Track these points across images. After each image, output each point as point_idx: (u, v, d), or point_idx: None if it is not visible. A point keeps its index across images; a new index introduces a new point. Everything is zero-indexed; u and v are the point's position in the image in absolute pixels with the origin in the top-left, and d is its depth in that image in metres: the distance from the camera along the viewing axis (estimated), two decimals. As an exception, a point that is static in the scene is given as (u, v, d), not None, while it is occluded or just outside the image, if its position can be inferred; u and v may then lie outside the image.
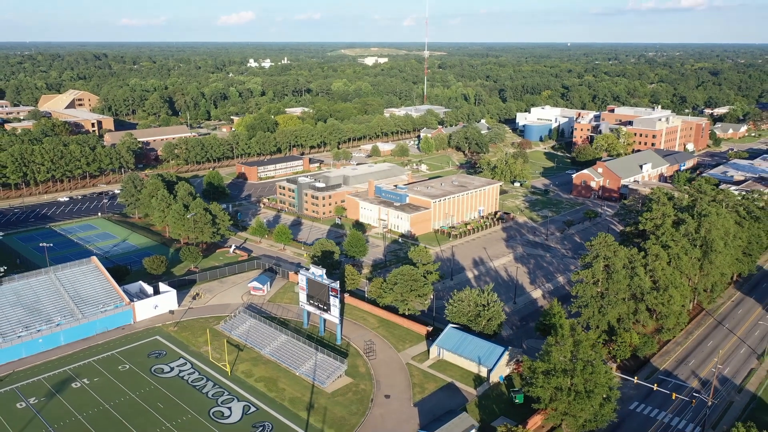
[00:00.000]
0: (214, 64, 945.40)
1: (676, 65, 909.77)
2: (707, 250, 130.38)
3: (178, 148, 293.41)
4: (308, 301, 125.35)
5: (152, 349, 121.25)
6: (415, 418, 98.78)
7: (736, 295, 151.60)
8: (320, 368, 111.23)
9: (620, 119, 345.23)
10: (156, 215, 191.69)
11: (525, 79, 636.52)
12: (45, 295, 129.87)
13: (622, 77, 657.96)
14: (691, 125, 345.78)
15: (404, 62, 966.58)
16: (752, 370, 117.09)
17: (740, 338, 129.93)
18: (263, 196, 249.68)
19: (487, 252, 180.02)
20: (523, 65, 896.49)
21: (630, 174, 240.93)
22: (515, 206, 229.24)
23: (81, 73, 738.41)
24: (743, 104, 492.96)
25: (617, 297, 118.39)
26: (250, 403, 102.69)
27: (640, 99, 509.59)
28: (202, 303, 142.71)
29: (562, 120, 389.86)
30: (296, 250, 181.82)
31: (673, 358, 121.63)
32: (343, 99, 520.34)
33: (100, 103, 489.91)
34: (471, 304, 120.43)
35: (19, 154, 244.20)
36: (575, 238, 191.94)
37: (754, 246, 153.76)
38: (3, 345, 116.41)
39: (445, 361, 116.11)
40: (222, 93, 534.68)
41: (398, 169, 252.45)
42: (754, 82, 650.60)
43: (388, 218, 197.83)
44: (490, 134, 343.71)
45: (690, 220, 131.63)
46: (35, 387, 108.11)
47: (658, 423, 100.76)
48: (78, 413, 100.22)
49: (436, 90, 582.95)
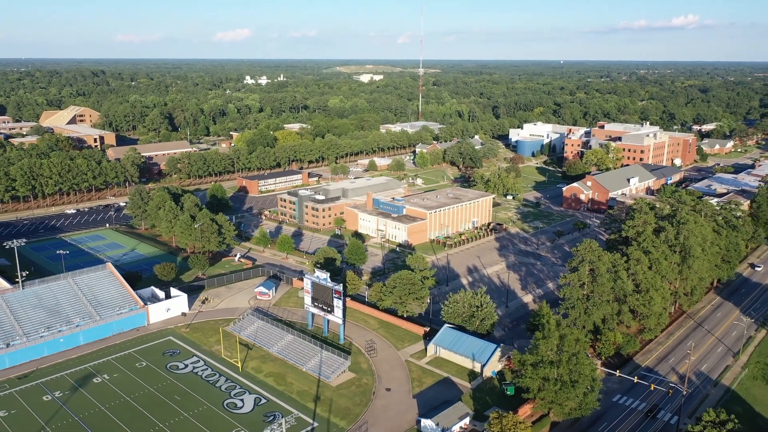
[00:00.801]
0: (211, 81, 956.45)
1: (667, 83, 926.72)
2: (686, 256, 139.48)
3: (181, 162, 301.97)
4: (313, 303, 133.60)
5: (166, 348, 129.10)
6: (414, 408, 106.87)
7: (715, 300, 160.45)
8: (325, 364, 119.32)
9: (610, 135, 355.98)
10: (163, 226, 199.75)
11: (518, 96, 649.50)
12: (64, 299, 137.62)
13: (613, 94, 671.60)
14: (679, 141, 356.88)
15: (399, 79, 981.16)
16: (728, 367, 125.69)
17: (718, 339, 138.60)
18: (264, 208, 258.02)
19: (481, 260, 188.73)
20: (516, 83, 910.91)
21: (618, 187, 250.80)
22: (508, 218, 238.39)
23: (80, 90, 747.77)
24: (730, 121, 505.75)
25: (602, 299, 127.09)
26: (260, 396, 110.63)
27: (630, 116, 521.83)
28: (212, 307, 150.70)
29: (554, 136, 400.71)
30: (298, 258, 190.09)
31: (655, 356, 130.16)
32: (340, 115, 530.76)
33: (101, 119, 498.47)
34: (465, 305, 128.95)
35: (28, 168, 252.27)
36: (565, 248, 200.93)
37: (732, 253, 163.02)
38: (27, 344, 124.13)
39: (441, 358, 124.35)
40: (221, 109, 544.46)
41: (395, 182, 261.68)
42: (742, 100, 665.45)
43: (386, 229, 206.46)
44: (484, 149, 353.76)
45: (670, 227, 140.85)
46: (59, 382, 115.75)
47: (640, 414, 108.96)
48: (101, 405, 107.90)
49: (431, 107, 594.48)
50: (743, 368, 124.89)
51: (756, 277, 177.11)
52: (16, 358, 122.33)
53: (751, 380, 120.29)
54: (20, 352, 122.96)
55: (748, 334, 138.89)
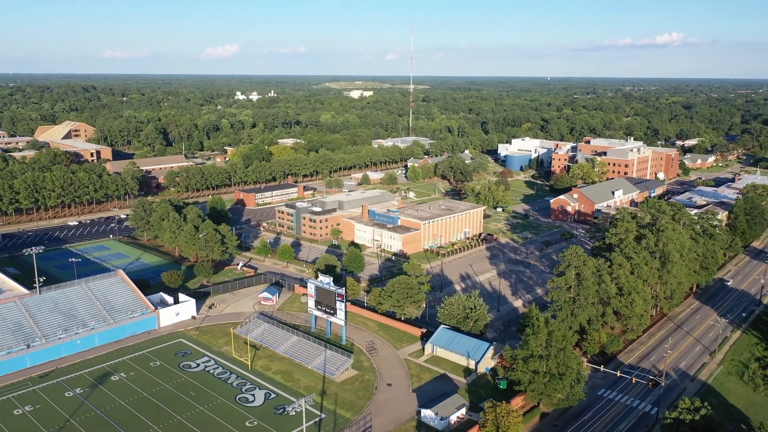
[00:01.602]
0: (202, 97, 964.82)
1: (651, 99, 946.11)
2: (665, 261, 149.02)
3: (180, 175, 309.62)
4: (316, 306, 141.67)
5: (178, 349, 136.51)
6: (414, 401, 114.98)
7: (694, 304, 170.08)
8: (329, 362, 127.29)
9: (595, 150, 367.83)
10: (167, 236, 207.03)
11: (506, 112, 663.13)
12: (79, 303, 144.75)
13: (599, 111, 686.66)
14: (662, 156, 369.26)
15: (389, 95, 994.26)
16: (704, 364, 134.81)
17: (696, 339, 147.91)
18: (262, 220, 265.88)
19: (473, 268, 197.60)
20: (504, 99, 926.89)
21: (603, 199, 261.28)
22: (498, 229, 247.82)
23: (73, 105, 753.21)
24: (712, 136, 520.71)
25: (587, 301, 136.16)
26: (270, 391, 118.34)
27: (615, 131, 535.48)
28: (218, 312, 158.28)
29: (542, 151, 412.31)
30: (298, 267, 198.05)
31: (637, 354, 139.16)
32: (332, 130, 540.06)
33: (97, 134, 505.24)
34: (460, 307, 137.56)
35: (31, 181, 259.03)
36: (553, 257, 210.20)
37: (709, 260, 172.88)
38: (46, 345, 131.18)
39: (438, 356, 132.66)
40: (214, 124, 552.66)
41: (389, 195, 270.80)
42: (724, 116, 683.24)
43: (382, 239, 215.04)
44: (474, 164, 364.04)
45: (650, 235, 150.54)
46: (78, 380, 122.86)
47: (621, 405, 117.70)
48: (120, 400, 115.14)
49: (421, 122, 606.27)
50: (719, 365, 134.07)
51: (733, 283, 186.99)
52: (37, 359, 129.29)
53: (725, 376, 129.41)
54: (40, 352, 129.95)
55: (724, 335, 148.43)
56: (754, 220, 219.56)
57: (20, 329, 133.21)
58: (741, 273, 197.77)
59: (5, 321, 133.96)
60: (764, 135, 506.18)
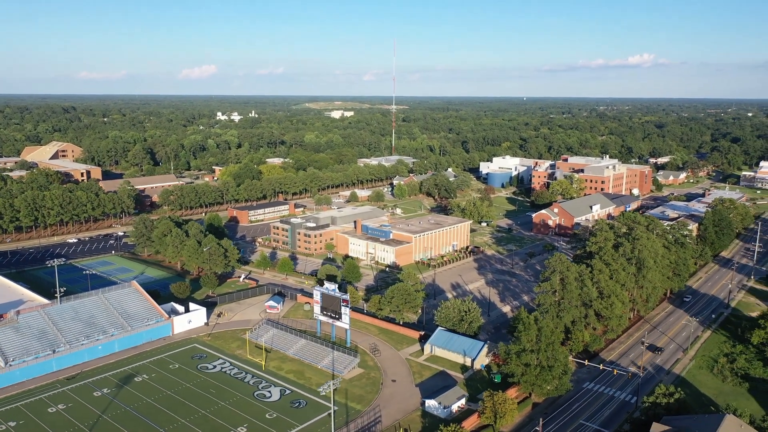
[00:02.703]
0: (184, 117, 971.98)
1: (625, 119, 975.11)
2: (641, 267, 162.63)
3: (174, 194, 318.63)
4: (322, 312, 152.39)
5: (194, 353, 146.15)
6: (418, 394, 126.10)
7: (669, 308, 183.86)
8: (337, 362, 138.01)
9: (573, 167, 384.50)
10: (170, 251, 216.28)
11: (485, 132, 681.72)
12: (98, 312, 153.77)
13: (575, 130, 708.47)
14: (636, 172, 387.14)
15: (370, 115, 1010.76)
16: (678, 360, 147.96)
17: (670, 338, 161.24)
18: (257, 236, 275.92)
19: (463, 278, 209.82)
20: (482, 119, 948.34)
21: (582, 213, 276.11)
22: (483, 242, 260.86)
23: (56, 126, 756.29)
24: (683, 154, 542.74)
25: (571, 304, 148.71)
26: (285, 388, 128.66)
27: (591, 149, 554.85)
28: (227, 320, 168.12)
29: (522, 168, 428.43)
30: (297, 279, 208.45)
31: (617, 352, 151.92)
32: (316, 150, 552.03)
33: (84, 154, 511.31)
34: (455, 311, 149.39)
35: (31, 200, 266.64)
36: (536, 267, 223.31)
37: (681, 267, 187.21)
38: (70, 350, 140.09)
39: (436, 355, 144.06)
40: (200, 144, 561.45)
41: (378, 211, 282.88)
42: (695, 134, 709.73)
43: (375, 251, 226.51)
44: (457, 181, 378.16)
45: (626, 243, 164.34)
46: (104, 381, 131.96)
47: (605, 396, 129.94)
48: (146, 398, 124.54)
49: (403, 142, 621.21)
50: (691, 360, 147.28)
51: (704, 289, 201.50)
52: (62, 363, 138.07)
53: (697, 369, 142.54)
54: (65, 357, 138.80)
55: (695, 334, 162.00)
56: (722, 231, 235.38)
57: (45, 336, 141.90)
58: (711, 280, 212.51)
59: (30, 329, 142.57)
60: (732, 153, 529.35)
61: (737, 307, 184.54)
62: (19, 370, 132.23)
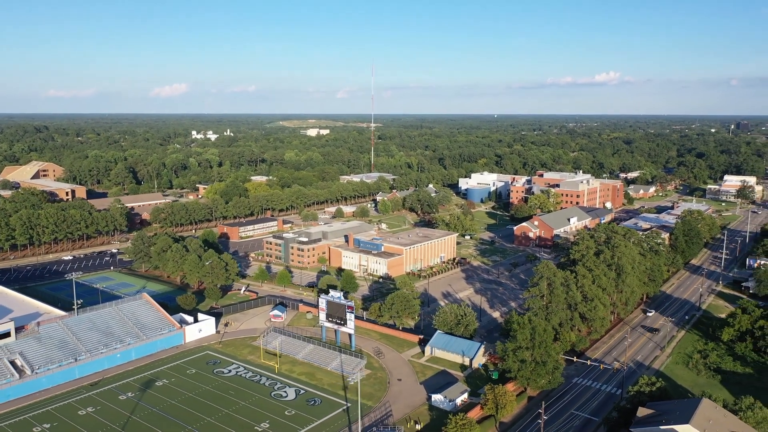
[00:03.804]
0: (160, 136, 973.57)
1: (594, 135, 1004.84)
2: (620, 272, 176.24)
3: (165, 211, 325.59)
4: (327, 318, 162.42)
5: (208, 359, 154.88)
6: (423, 390, 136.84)
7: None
8: (345, 364, 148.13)
9: (548, 182, 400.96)
10: (170, 265, 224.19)
11: (461, 149, 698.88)
12: (113, 323, 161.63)
13: (547, 146, 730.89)
14: (609, 187, 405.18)
15: (346, 133, 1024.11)
16: (656, 357, 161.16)
17: (648, 338, 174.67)
18: (248, 251, 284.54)
19: (452, 287, 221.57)
20: (457, 136, 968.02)
21: (560, 226, 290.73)
22: (469, 253, 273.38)
23: (31, 146, 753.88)
24: (651, 169, 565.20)
25: (558, 307, 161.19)
26: (299, 388, 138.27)
27: (564, 165, 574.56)
28: (234, 329, 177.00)
29: (499, 184, 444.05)
30: (295, 290, 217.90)
31: (601, 351, 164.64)
32: (296, 168, 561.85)
33: (66, 173, 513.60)
34: (452, 315, 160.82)
35: (26, 218, 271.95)
36: (521, 276, 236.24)
37: (656, 273, 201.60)
38: (90, 358, 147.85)
39: (436, 356, 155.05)
40: (182, 163, 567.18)
41: (367, 226, 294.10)
42: (661, 150, 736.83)
43: (368, 264, 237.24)
44: (439, 197, 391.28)
45: (606, 250, 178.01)
46: (127, 386, 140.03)
47: (592, 389, 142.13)
48: (170, 400, 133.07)
49: (382, 159, 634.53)
50: (668, 357, 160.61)
51: (677, 293, 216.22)
52: (84, 370, 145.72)
53: (674, 365, 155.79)
54: (86, 365, 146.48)
55: (671, 334, 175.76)
56: (691, 240, 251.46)
57: (66, 345, 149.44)
58: (683, 285, 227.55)
59: (51, 339, 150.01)
60: (698, 167, 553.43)
61: (708, 309, 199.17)
62: (45, 378, 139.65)
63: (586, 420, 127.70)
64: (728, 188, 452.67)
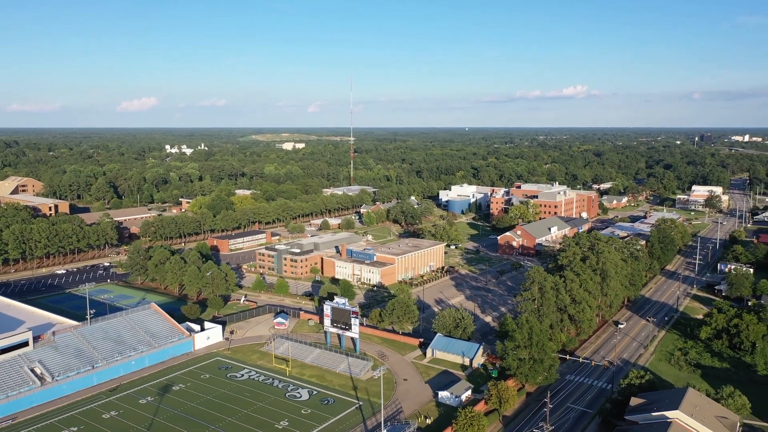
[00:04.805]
0: (134, 150, 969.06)
1: (565, 147, 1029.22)
2: (604, 277, 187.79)
3: (154, 225, 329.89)
4: (332, 324, 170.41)
5: (219, 365, 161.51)
6: (429, 388, 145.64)
7: (627, 313, 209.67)
8: (353, 366, 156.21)
9: (526, 194, 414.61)
10: (169, 277, 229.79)
11: (437, 162, 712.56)
12: (124, 331, 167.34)
13: (521, 159, 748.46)
14: (584, 197, 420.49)
15: (323, 147, 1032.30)
16: (641, 354, 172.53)
17: (632, 338, 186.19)
18: (239, 263, 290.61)
19: (444, 294, 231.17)
20: (432, 149, 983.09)
21: (542, 235, 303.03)
22: (456, 262, 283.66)
23: (5, 161, 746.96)
24: (623, 180, 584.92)
25: (549, 309, 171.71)
26: (312, 389, 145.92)
27: (539, 177, 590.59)
28: (240, 336, 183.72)
29: (479, 195, 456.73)
30: (293, 299, 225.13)
31: (589, 350, 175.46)
32: (276, 181, 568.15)
33: (46, 188, 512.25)
34: (451, 319, 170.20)
35: (19, 232, 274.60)
36: (508, 283, 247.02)
37: (636, 278, 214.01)
38: (107, 366, 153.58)
39: (437, 358, 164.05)
40: (163, 178, 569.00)
41: (356, 237, 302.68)
42: (630, 162, 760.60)
43: (362, 273, 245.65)
44: (421, 209, 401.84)
45: (592, 256, 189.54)
46: (145, 391, 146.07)
47: (585, 385, 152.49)
48: (189, 402, 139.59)
49: (361, 172, 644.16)
50: (652, 354, 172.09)
51: (655, 297, 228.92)
52: (101, 377, 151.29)
53: (657, 361, 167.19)
54: (103, 372, 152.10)
55: (653, 334, 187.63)
56: (666, 247, 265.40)
57: (82, 354, 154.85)
58: (660, 289, 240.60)
59: (68, 347, 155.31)
60: (667, 178, 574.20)
61: (684, 311, 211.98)
62: (65, 384, 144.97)
63: (582, 412, 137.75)
64: (696, 198, 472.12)
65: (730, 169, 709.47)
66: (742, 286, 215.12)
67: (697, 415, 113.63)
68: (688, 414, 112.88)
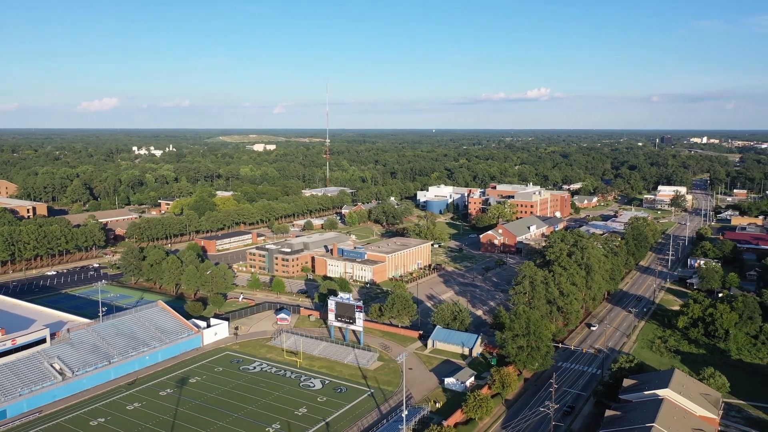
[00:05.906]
0: (102, 152, 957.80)
1: (533, 149, 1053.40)
2: (589, 271, 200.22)
3: (140, 226, 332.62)
4: (336, 318, 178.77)
5: (230, 359, 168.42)
6: (434, 376, 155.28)
7: (608, 306, 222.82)
8: (360, 357, 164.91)
9: (501, 194, 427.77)
10: (167, 276, 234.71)
11: (411, 163, 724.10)
12: (136, 328, 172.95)
13: (492, 160, 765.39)
14: (557, 197, 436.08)
15: (295, 149, 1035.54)
16: (624, 342, 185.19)
17: (615, 328, 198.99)
18: (228, 263, 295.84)
19: (434, 290, 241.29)
20: (404, 151, 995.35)
21: (522, 233, 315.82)
22: (442, 260, 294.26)
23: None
24: (592, 180, 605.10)
25: (539, 302, 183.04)
26: (324, 378, 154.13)
27: (511, 178, 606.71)
28: (245, 332, 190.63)
29: (456, 196, 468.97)
30: (289, 297, 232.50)
31: (577, 339, 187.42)
32: (251, 182, 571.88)
33: (20, 190, 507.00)
34: (449, 311, 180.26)
35: (8, 234, 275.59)
36: (493, 279, 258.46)
37: (616, 272, 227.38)
38: (123, 361, 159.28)
39: (438, 348, 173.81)
40: (138, 179, 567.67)
41: (343, 236, 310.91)
42: (597, 163, 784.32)
43: (354, 271, 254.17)
44: (401, 209, 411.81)
45: (577, 251, 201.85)
46: (164, 384, 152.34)
47: (578, 371, 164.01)
48: (208, 393, 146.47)
49: (336, 173, 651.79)
50: (635, 342, 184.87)
51: (632, 290, 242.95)
52: (119, 371, 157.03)
53: (640, 349, 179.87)
54: (120, 366, 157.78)
55: (633, 324, 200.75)
56: (640, 243, 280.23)
57: (98, 349, 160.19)
58: (636, 283, 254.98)
59: (83, 344, 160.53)
60: (633, 179, 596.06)
61: (660, 303, 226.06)
62: (86, 379, 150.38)
63: (577, 395, 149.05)
64: (663, 198, 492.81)
65: (692, 170, 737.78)
66: (712, 279, 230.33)
67: (684, 393, 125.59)
68: (676, 392, 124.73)
